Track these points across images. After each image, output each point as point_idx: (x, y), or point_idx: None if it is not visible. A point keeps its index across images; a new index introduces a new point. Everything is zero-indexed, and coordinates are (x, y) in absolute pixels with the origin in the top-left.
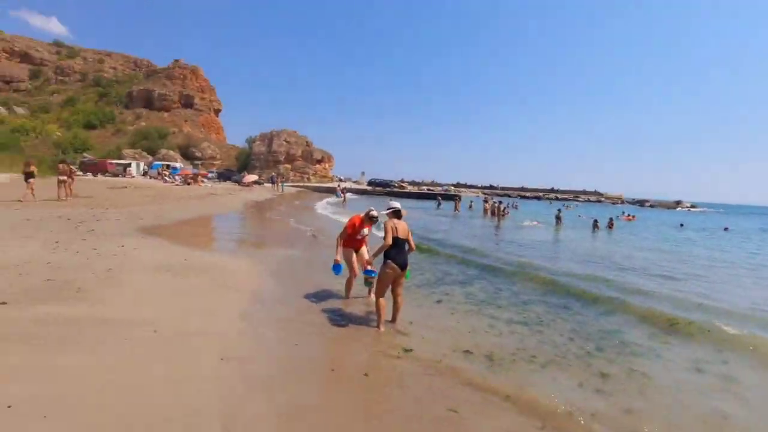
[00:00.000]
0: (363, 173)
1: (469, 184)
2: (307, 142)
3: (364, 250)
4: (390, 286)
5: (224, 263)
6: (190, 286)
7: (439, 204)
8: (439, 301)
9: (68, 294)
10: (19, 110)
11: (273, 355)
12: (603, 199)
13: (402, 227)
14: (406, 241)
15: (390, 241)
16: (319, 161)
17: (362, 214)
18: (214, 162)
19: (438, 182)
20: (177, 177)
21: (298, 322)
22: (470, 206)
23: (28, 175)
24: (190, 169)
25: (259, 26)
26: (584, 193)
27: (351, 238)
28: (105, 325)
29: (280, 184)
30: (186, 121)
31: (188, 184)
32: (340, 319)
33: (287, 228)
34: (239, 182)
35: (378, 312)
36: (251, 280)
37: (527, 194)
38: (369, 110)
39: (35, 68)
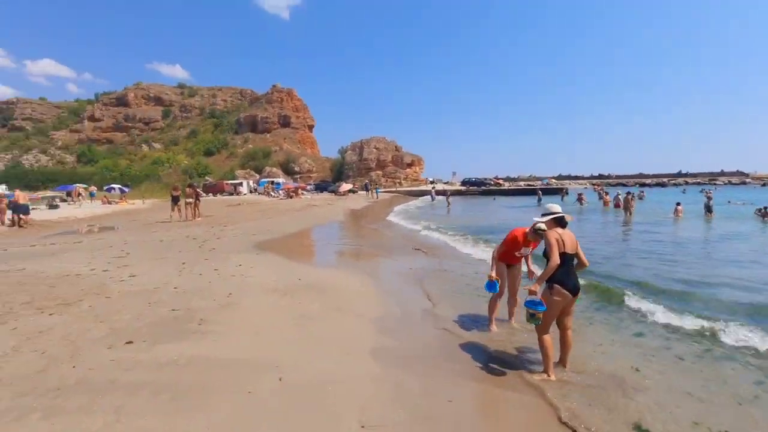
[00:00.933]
0: (454, 173)
1: (573, 175)
2: (396, 147)
3: (519, 269)
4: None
5: (337, 281)
6: (309, 313)
7: (540, 200)
8: (639, 335)
9: (192, 327)
10: (156, 146)
11: (424, 421)
12: (749, 180)
13: (570, 239)
14: (576, 255)
15: (557, 259)
16: (409, 165)
17: (527, 228)
18: (311, 175)
19: (537, 176)
20: (281, 192)
21: (440, 363)
22: (581, 199)
23: (175, 199)
24: (291, 184)
25: (342, 39)
26: (722, 174)
27: (508, 254)
28: (228, 369)
29: (374, 190)
30: (285, 139)
31: (291, 197)
32: (492, 359)
33: (390, 237)
34: (335, 192)
35: (545, 353)
36: (369, 302)
37: (648, 181)
38: (455, 109)
39: (166, 109)
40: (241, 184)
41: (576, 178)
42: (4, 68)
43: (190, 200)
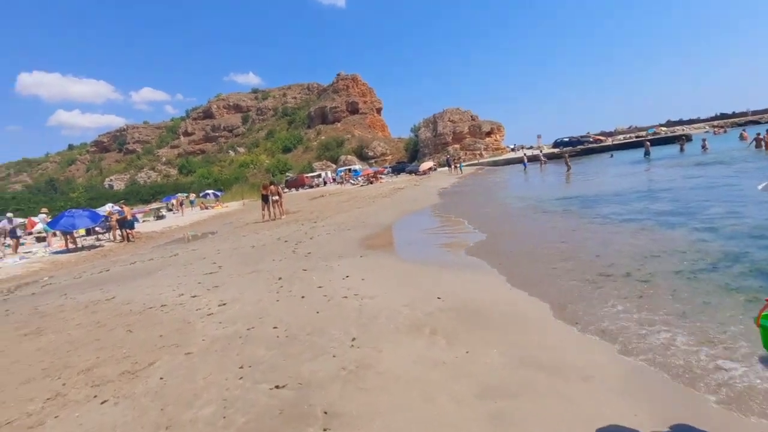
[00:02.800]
0: (539, 136)
1: (686, 119)
2: (472, 116)
3: None
4: None
5: (496, 297)
6: (495, 384)
7: (647, 153)
8: None
9: None
10: (240, 150)
11: None
12: None
13: None
14: None
15: None
16: (488, 134)
17: None
18: (386, 157)
19: (639, 126)
20: (360, 178)
21: None
22: (704, 147)
23: (265, 198)
24: (369, 169)
25: (399, 19)
26: None
27: None
28: None
29: (457, 165)
30: (355, 126)
31: (371, 183)
32: None
33: (525, 219)
34: (415, 172)
35: None
36: (562, 342)
37: None
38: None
39: (244, 114)
40: (319, 175)
41: (690, 122)
42: (114, 101)
43: (275, 198)
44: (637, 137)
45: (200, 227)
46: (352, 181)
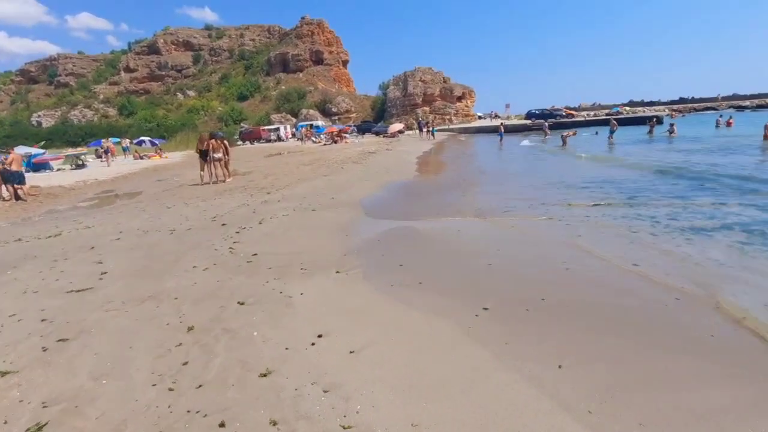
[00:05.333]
0: (508, 105)
1: (647, 100)
2: (444, 78)
3: None
4: None
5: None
6: None
7: (612, 132)
8: None
9: None
10: (190, 93)
11: None
12: None
13: None
14: None
15: None
16: (459, 98)
17: None
18: (350, 115)
19: (602, 104)
20: (322, 136)
21: None
22: (671, 131)
23: (203, 154)
24: (334, 126)
25: None
26: None
27: None
28: None
29: (429, 130)
30: (318, 77)
31: (335, 142)
32: None
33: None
34: (383, 133)
35: None
36: None
37: (746, 103)
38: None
39: (195, 54)
40: (278, 129)
41: (651, 104)
42: (47, 24)
43: (218, 156)
44: (608, 114)
45: (123, 184)
46: (314, 139)
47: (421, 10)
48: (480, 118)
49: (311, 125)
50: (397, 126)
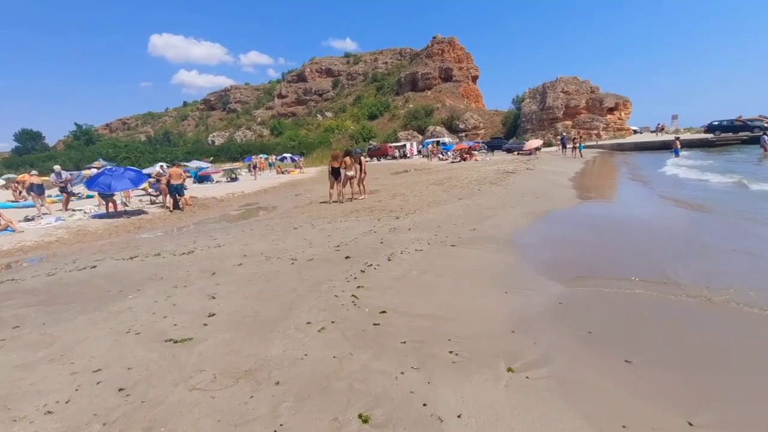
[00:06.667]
0: (675, 117)
1: None
2: (591, 88)
3: None
4: None
5: None
6: None
7: None
8: None
9: None
10: (328, 114)
11: None
12: None
13: None
14: None
15: None
16: (611, 110)
17: None
18: (478, 131)
19: None
20: (450, 153)
21: None
22: None
23: (335, 173)
24: (464, 143)
25: None
26: None
27: None
28: None
29: (577, 146)
30: (447, 94)
31: (463, 159)
32: None
33: None
34: (518, 150)
35: None
36: None
37: None
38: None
39: (335, 79)
40: (404, 146)
41: None
42: (225, 63)
43: (351, 174)
44: None
45: (264, 197)
46: (441, 156)
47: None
48: (635, 132)
49: (438, 142)
50: (535, 142)
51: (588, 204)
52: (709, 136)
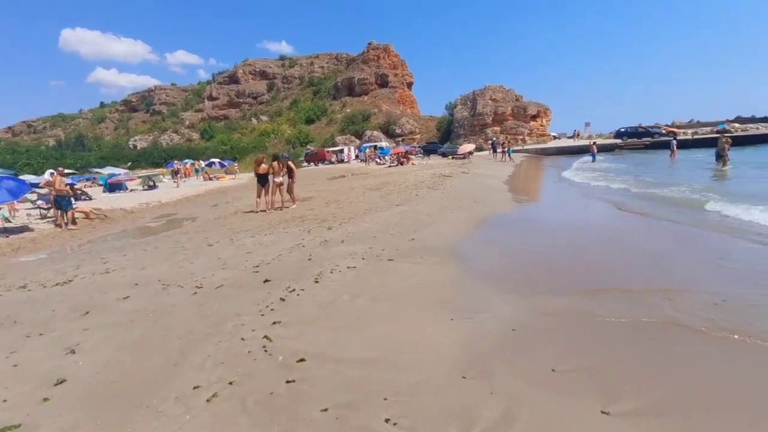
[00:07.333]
0: (588, 124)
1: (758, 116)
2: (516, 96)
3: None
4: None
5: None
6: None
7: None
8: None
9: None
10: (263, 118)
11: None
12: None
13: None
14: None
15: None
16: (533, 117)
17: None
18: (414, 136)
19: (702, 121)
20: (387, 158)
21: None
22: None
23: (262, 180)
24: (402, 147)
25: None
26: None
27: None
28: None
29: (506, 150)
30: (383, 100)
31: (401, 163)
32: None
33: None
34: (452, 155)
35: None
36: None
37: None
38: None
39: (270, 82)
40: (341, 150)
41: (766, 119)
42: (150, 62)
43: (279, 180)
44: (716, 131)
45: (184, 207)
46: (378, 160)
47: (490, 28)
48: (555, 138)
49: (375, 146)
50: (468, 147)
51: (524, 207)
52: (618, 141)
